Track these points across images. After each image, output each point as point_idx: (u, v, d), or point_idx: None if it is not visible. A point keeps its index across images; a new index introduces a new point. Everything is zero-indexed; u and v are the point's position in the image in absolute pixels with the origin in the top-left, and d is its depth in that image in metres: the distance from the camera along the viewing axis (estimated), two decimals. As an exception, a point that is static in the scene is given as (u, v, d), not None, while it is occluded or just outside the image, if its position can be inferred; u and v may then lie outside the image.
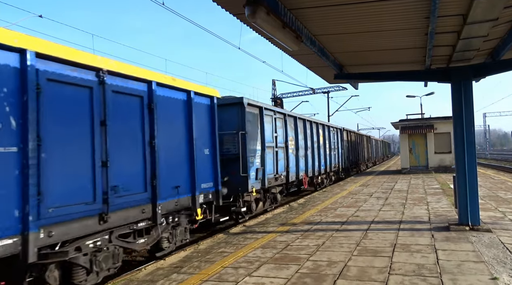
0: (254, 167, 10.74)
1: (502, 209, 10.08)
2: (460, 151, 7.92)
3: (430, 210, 10.32)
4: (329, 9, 5.90)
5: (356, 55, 8.77)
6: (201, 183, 7.97)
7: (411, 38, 7.37)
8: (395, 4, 5.70)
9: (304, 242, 7.30)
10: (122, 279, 5.73)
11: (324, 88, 40.87)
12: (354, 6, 5.73)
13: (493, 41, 7.56)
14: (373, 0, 5.54)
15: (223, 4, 5.65)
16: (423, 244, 6.73)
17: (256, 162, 11.00)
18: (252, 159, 10.66)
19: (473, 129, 7.95)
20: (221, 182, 9.08)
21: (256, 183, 10.89)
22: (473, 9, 5.38)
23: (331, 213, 10.57)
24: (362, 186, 18.03)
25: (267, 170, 11.68)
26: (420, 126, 25.94)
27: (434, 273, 5.13)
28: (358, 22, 6.49)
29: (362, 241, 7.14)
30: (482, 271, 5.16)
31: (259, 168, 11.14)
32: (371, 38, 7.35)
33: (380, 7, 5.81)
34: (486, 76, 8.40)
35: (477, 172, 7.93)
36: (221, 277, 5.44)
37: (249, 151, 10.48)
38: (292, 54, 8.37)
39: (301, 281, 5.09)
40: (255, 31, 6.55)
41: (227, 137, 10.39)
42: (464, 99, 7.92)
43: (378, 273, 5.26)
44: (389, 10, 5.97)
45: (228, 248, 7.15)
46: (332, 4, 5.70)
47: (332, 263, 5.83)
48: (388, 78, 9.82)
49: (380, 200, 12.79)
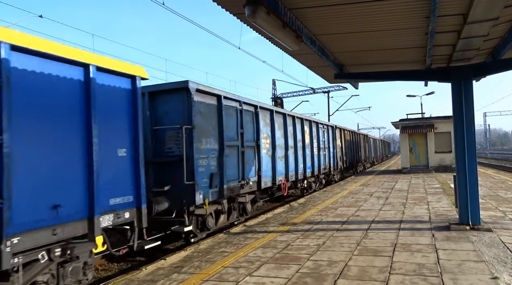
0: (206, 172, 8.53)
1: (503, 209, 10.08)
2: (460, 150, 7.92)
3: (430, 210, 10.32)
4: (329, 9, 5.90)
5: (356, 54, 8.76)
6: (109, 198, 5.67)
7: (411, 38, 7.36)
8: (395, 3, 5.69)
9: (305, 241, 7.31)
10: (123, 279, 5.74)
11: (325, 88, 40.86)
12: (354, 5, 5.73)
13: (494, 41, 7.56)
14: (373, 0, 5.54)
15: (223, 4, 5.65)
16: (423, 243, 6.73)
17: (211, 165, 8.75)
18: (203, 161, 8.44)
19: (474, 128, 7.95)
20: (160, 193, 7.60)
21: (211, 192, 8.66)
22: (473, 8, 5.38)
23: (331, 213, 10.57)
24: (363, 186, 18.03)
25: (228, 175, 9.39)
26: (421, 125, 25.93)
27: (435, 273, 5.13)
28: (358, 22, 6.49)
29: (362, 241, 7.14)
30: (483, 270, 5.16)
31: (215, 173, 8.81)
32: (371, 37, 7.35)
33: (380, 7, 5.81)
34: (487, 75, 8.40)
35: (477, 172, 7.93)
36: (222, 277, 5.45)
37: (199, 152, 8.26)
38: (292, 53, 8.37)
39: (301, 281, 5.09)
40: (255, 31, 6.55)
41: (170, 134, 8.25)
42: (464, 99, 7.92)
43: (379, 272, 5.26)
44: (389, 10, 5.96)
45: (228, 248, 7.15)
46: (332, 4, 5.70)
47: (332, 262, 5.84)
48: (389, 78, 9.82)
49: (381, 200, 12.79)
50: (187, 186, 7.90)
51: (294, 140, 14.66)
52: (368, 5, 5.71)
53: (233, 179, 9.72)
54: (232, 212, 10.07)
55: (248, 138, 10.70)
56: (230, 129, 9.76)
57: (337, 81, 12.53)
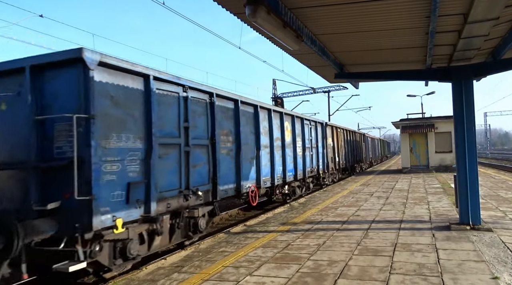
0: (120, 180, 6.02)
1: (503, 209, 10.08)
2: (461, 150, 7.92)
3: (431, 210, 10.32)
4: (330, 9, 5.89)
5: (356, 54, 8.76)
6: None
7: (411, 38, 7.36)
8: (396, 3, 5.69)
9: (305, 241, 7.31)
10: (123, 278, 5.74)
11: (325, 88, 40.89)
12: (354, 5, 5.73)
13: (494, 40, 7.55)
14: (373, 0, 5.54)
15: (223, 4, 5.65)
16: (424, 243, 6.73)
17: (130, 171, 6.24)
18: (114, 166, 5.92)
19: (474, 128, 7.94)
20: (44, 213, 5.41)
21: (129, 209, 6.16)
22: (474, 8, 5.37)
23: (331, 213, 10.57)
24: (363, 186, 18.03)
25: (162, 184, 6.95)
26: (421, 125, 25.93)
27: (435, 273, 5.13)
28: (358, 22, 6.48)
29: (363, 241, 7.14)
30: (483, 270, 5.16)
31: (138, 183, 6.34)
32: (371, 37, 7.34)
33: (381, 7, 5.81)
34: (487, 75, 8.39)
35: (478, 172, 7.93)
36: (222, 276, 5.45)
37: (105, 152, 5.75)
38: (293, 53, 8.36)
39: (302, 280, 5.09)
40: (255, 30, 6.55)
41: (60, 127, 5.72)
42: (465, 99, 7.91)
43: (379, 272, 5.26)
44: (389, 10, 5.96)
45: (229, 248, 7.15)
46: (333, 4, 5.69)
47: (333, 262, 5.84)
48: (389, 78, 9.82)
49: (381, 200, 12.79)
50: (78, 204, 5.38)
51: (270, 138, 12.18)
52: (368, 5, 5.70)
53: (170, 189, 7.23)
54: (175, 231, 7.60)
55: (197, 134, 8.23)
56: (167, 122, 7.30)
57: (338, 81, 12.52)
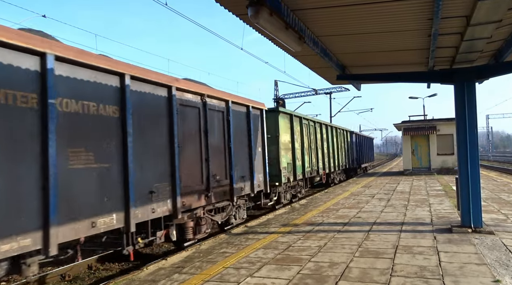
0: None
1: (505, 211, 10.04)
2: (462, 152, 7.89)
3: (432, 212, 10.29)
4: (332, 10, 5.89)
5: (358, 56, 8.76)
6: None
7: (414, 40, 7.35)
8: (398, 5, 5.69)
9: (306, 243, 7.29)
10: (124, 279, 5.74)
11: (327, 89, 40.88)
12: (356, 7, 5.73)
13: (497, 43, 7.54)
14: (375, 2, 5.53)
15: (226, 5, 5.65)
16: (425, 246, 6.71)
17: None
18: None
19: (476, 130, 7.92)
20: None
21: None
22: (477, 10, 5.37)
23: (333, 214, 10.56)
24: (364, 187, 18.00)
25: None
26: (423, 127, 25.90)
27: (436, 275, 5.11)
28: (360, 23, 6.48)
29: (364, 243, 7.12)
30: (485, 273, 5.14)
31: None
32: (374, 39, 7.34)
33: (383, 8, 5.81)
34: (490, 77, 8.36)
35: (479, 174, 7.91)
36: (223, 277, 5.44)
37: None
38: (295, 55, 8.36)
39: (302, 282, 5.08)
40: (258, 31, 6.55)
41: None
42: (467, 101, 7.89)
43: (380, 274, 5.25)
44: (392, 11, 5.96)
45: (229, 249, 7.15)
46: (335, 5, 5.70)
47: (333, 264, 5.82)
48: (391, 79, 9.81)
49: (382, 202, 12.76)
50: None
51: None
52: (371, 6, 5.70)
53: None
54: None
55: None
56: None
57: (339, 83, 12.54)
